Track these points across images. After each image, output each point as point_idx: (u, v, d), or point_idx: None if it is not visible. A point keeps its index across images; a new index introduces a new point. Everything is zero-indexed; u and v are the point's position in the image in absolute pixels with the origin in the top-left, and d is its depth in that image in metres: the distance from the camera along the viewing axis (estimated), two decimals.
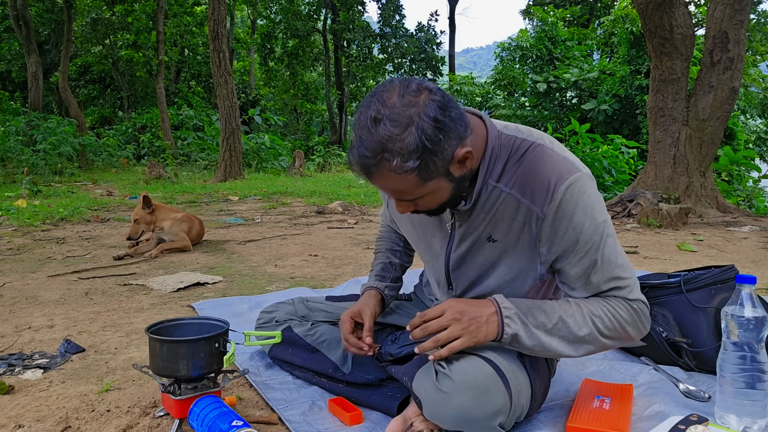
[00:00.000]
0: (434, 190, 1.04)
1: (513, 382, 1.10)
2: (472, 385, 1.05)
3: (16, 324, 2.08)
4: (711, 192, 6.03)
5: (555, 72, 15.74)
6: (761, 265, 3.19)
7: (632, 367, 1.56)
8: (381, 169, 0.98)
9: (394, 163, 0.96)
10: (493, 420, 1.06)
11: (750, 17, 9.71)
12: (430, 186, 1.03)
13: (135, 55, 16.97)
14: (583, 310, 1.10)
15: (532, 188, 1.08)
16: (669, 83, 5.93)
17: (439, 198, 1.07)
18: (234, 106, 10.14)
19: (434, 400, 1.07)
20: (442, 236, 1.22)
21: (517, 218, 1.11)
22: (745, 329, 1.14)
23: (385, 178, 1.00)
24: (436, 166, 1.00)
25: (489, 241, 1.15)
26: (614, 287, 1.12)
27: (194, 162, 13.72)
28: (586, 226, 1.07)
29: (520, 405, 1.12)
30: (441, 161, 0.99)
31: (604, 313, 1.10)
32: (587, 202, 1.07)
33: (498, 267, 1.16)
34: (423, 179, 1.00)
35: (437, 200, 1.07)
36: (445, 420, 1.07)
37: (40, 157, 10.50)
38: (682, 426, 1.07)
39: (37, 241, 4.00)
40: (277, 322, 1.57)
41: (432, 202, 1.08)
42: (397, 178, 0.98)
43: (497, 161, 1.11)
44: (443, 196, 1.07)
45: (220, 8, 9.76)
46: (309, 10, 23.24)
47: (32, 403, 1.41)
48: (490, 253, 1.16)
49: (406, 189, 1.02)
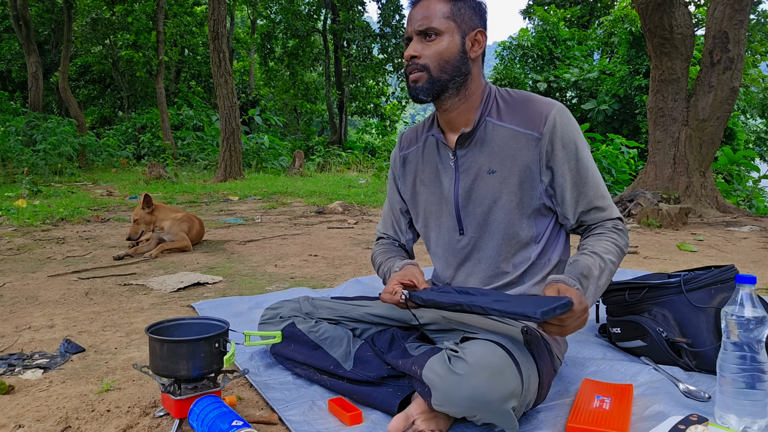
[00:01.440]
0: (447, 36, 1.26)
1: (524, 366, 1.12)
2: (488, 365, 1.06)
3: (16, 324, 2.09)
4: (711, 192, 6.03)
5: (555, 72, 15.75)
6: (761, 265, 3.19)
7: (632, 367, 1.56)
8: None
9: None
10: (506, 403, 1.06)
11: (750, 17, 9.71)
12: (449, 26, 1.26)
13: (135, 55, 16.97)
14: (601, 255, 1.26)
15: (525, 118, 1.29)
16: (669, 83, 5.93)
17: (445, 51, 1.26)
18: (234, 106, 10.14)
19: (448, 383, 1.07)
20: (449, 176, 1.38)
21: (514, 146, 1.29)
22: (745, 329, 1.15)
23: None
24: (463, 16, 1.27)
25: (489, 173, 1.31)
26: (603, 206, 1.32)
27: (194, 162, 13.73)
28: (578, 144, 1.29)
29: (531, 391, 1.14)
30: (469, 18, 1.28)
31: (610, 246, 1.28)
32: (575, 125, 1.31)
33: (501, 198, 1.31)
34: (451, 14, 1.26)
35: (442, 54, 1.26)
36: (458, 403, 1.06)
37: (40, 157, 10.50)
38: (682, 426, 1.07)
39: (37, 241, 4.00)
40: (281, 318, 1.57)
41: (437, 55, 1.27)
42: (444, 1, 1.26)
43: (492, 103, 1.34)
44: (449, 54, 1.27)
45: (220, 8, 9.76)
46: (309, 10, 23.24)
47: (32, 403, 1.41)
48: (492, 185, 1.31)
49: (435, 12, 1.26)
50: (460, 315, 1.34)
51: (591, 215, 1.32)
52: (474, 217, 1.35)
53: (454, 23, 1.26)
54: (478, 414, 1.07)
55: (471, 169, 1.33)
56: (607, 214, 1.32)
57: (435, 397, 1.09)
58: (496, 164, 1.30)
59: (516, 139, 1.29)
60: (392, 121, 24.58)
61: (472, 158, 1.33)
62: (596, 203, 1.31)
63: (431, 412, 1.16)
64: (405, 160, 1.50)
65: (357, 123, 31.34)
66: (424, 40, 1.27)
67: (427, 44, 1.27)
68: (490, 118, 1.32)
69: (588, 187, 1.30)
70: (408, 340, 1.39)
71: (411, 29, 1.29)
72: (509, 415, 1.07)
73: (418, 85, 1.29)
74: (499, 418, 1.07)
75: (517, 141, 1.29)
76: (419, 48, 1.28)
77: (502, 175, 1.30)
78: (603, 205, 1.32)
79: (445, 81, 1.28)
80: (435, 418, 1.17)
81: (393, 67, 23.77)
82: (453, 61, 1.27)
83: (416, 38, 1.28)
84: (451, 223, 1.39)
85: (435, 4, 1.26)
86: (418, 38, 1.28)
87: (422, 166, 1.44)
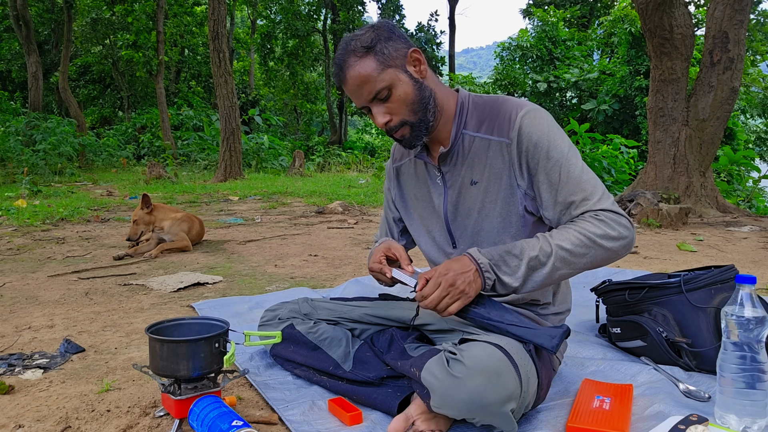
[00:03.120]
0: (396, 83, 1.22)
1: (522, 368, 1.11)
2: (486, 368, 1.06)
3: (16, 324, 2.08)
4: (711, 192, 6.03)
5: (555, 72, 15.75)
6: (761, 265, 3.19)
7: (632, 367, 1.56)
8: (347, 58, 1.22)
9: (353, 45, 1.22)
10: (505, 405, 1.06)
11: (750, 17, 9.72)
12: (390, 75, 1.22)
13: (135, 55, 16.97)
14: (549, 240, 1.20)
15: (496, 125, 1.27)
16: (669, 83, 5.93)
17: (405, 96, 1.23)
18: (234, 106, 10.14)
19: (446, 386, 1.07)
20: (438, 193, 1.38)
21: (489, 155, 1.28)
22: (745, 329, 1.15)
23: (351, 66, 1.22)
24: (391, 55, 1.22)
25: (472, 184, 1.31)
26: (582, 199, 1.22)
27: (194, 162, 13.73)
28: (550, 142, 1.23)
29: (529, 393, 1.13)
30: (395, 51, 1.23)
31: (571, 234, 1.19)
32: (544, 124, 1.25)
33: (485, 208, 1.31)
34: (381, 64, 1.21)
35: (405, 100, 1.23)
36: (457, 406, 1.06)
37: (40, 157, 10.50)
38: (682, 426, 1.07)
39: (37, 241, 4.00)
40: (280, 320, 1.57)
41: (402, 104, 1.24)
42: (360, 62, 1.21)
43: (467, 114, 1.32)
44: (409, 95, 1.24)
45: (220, 8, 9.76)
46: (309, 10, 23.24)
47: (32, 403, 1.41)
48: (475, 195, 1.31)
49: (369, 75, 1.21)
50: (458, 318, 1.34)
51: (571, 211, 1.23)
52: (464, 230, 1.34)
53: (389, 68, 1.22)
54: (477, 416, 1.07)
55: (456, 183, 1.33)
56: (589, 206, 1.21)
57: (434, 399, 1.09)
58: (476, 175, 1.30)
59: (490, 147, 1.28)
60: None
61: (456, 172, 1.33)
62: (572, 198, 1.22)
63: (431, 412, 1.16)
64: (398, 171, 1.51)
65: (357, 123, 31.34)
66: (381, 103, 1.24)
67: (387, 104, 1.24)
68: (466, 130, 1.31)
69: (563, 184, 1.22)
70: (407, 341, 1.39)
71: (361, 102, 1.26)
72: (508, 417, 1.07)
73: (408, 138, 1.28)
74: (497, 420, 1.07)
75: (491, 149, 1.28)
76: (383, 111, 1.25)
77: (483, 185, 1.29)
78: (581, 199, 1.21)
79: (424, 117, 1.26)
80: (435, 418, 1.17)
81: None
82: (416, 98, 1.25)
83: (373, 105, 1.25)
84: (443, 237, 1.40)
85: (362, 66, 1.21)
86: (375, 104, 1.25)
87: (415, 181, 1.45)
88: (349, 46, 1.23)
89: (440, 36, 23.86)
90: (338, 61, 1.25)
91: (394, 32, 1.25)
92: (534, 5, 20.63)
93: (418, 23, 23.89)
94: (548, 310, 1.38)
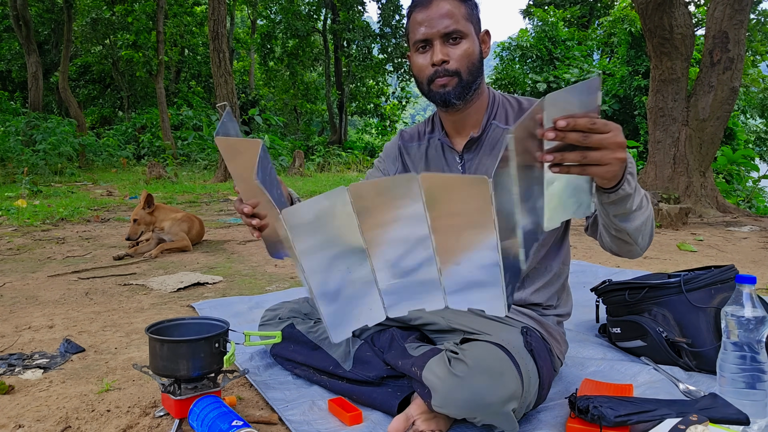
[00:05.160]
0: (470, 38, 1.24)
1: (524, 368, 1.12)
2: (488, 368, 1.06)
3: (16, 324, 2.08)
4: (711, 192, 6.03)
5: (555, 72, 15.75)
6: (761, 265, 3.19)
7: (632, 367, 1.56)
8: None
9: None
10: (506, 405, 1.06)
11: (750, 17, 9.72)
12: (470, 29, 1.24)
13: (135, 55, 16.97)
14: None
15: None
16: (669, 83, 5.93)
17: (471, 53, 1.24)
18: (234, 106, 10.14)
19: (448, 386, 1.07)
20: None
21: None
22: (745, 329, 1.15)
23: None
24: (476, 18, 1.27)
25: None
26: None
27: (194, 162, 13.72)
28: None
29: (531, 392, 1.13)
30: (478, 19, 1.28)
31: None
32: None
33: None
34: (468, 16, 1.24)
35: (469, 56, 1.24)
36: (458, 405, 1.07)
37: (40, 157, 10.49)
38: (682, 426, 1.07)
39: (37, 241, 4.00)
40: (280, 320, 1.57)
41: (464, 57, 1.24)
42: (453, 1, 1.23)
43: (499, 107, 1.34)
44: (474, 55, 1.25)
45: (220, 8, 9.76)
46: (309, 10, 23.23)
47: (32, 403, 1.41)
48: None
49: (456, 13, 1.23)
50: (460, 317, 1.34)
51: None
52: None
53: (471, 24, 1.25)
54: (478, 416, 1.07)
55: (478, 173, 1.31)
56: None
57: (435, 398, 1.09)
58: None
59: None
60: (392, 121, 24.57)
61: (479, 162, 1.31)
62: None
63: (431, 412, 1.16)
64: (405, 150, 1.46)
65: (357, 123, 31.34)
66: (449, 43, 1.23)
67: (453, 47, 1.23)
68: (496, 121, 1.32)
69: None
70: (408, 340, 1.39)
71: (432, 32, 1.22)
72: (509, 416, 1.07)
73: (449, 90, 1.25)
74: (499, 420, 1.07)
75: None
76: (447, 51, 1.23)
77: None
78: None
79: (472, 83, 1.26)
80: (435, 418, 1.17)
81: (393, 67, 23.75)
82: (477, 62, 1.26)
83: (439, 41, 1.23)
84: None
85: (452, 6, 1.23)
86: (441, 41, 1.23)
87: (425, 165, 1.41)
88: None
89: None
90: None
91: (478, 8, 1.30)
92: (534, 5, 20.63)
93: None
94: (551, 311, 1.38)
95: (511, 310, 1.32)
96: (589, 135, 0.85)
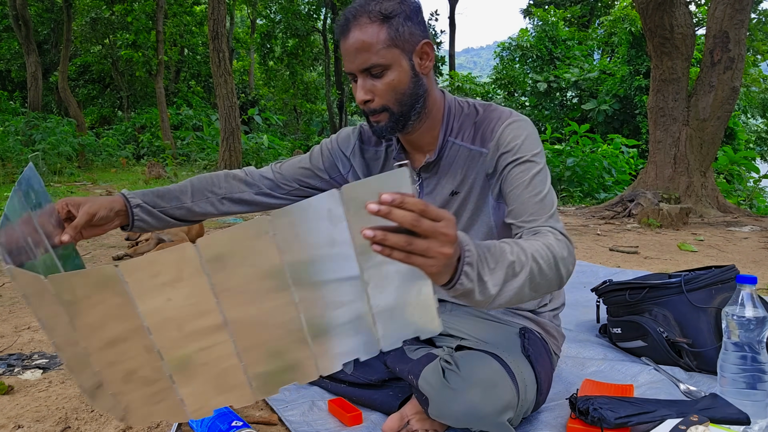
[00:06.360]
0: (395, 67, 1.11)
1: (519, 377, 1.10)
2: (481, 380, 1.05)
3: (15, 324, 2.08)
4: (711, 192, 6.03)
5: (555, 72, 15.75)
6: (762, 265, 3.18)
7: (632, 367, 1.56)
8: (359, 16, 1.10)
9: (371, 8, 1.09)
10: (501, 415, 1.05)
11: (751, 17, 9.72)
12: (393, 55, 1.10)
13: (135, 54, 16.96)
14: (523, 247, 0.94)
15: (478, 134, 1.20)
16: (669, 83, 5.92)
17: (397, 83, 1.12)
18: (234, 106, 10.14)
19: (442, 397, 1.06)
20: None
21: (470, 165, 1.21)
22: (746, 329, 1.14)
23: (359, 26, 1.10)
24: (404, 36, 1.11)
25: (452, 195, 1.24)
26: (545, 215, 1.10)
27: (194, 162, 13.72)
28: (521, 153, 1.15)
29: (528, 400, 1.12)
30: (409, 34, 1.11)
31: (540, 247, 0.96)
32: (524, 135, 1.17)
33: (462, 218, 1.24)
34: (390, 39, 1.09)
35: (396, 87, 1.12)
36: (453, 417, 1.06)
37: (39, 157, 10.49)
38: (682, 426, 1.07)
39: None
40: None
41: (390, 90, 1.12)
42: (369, 27, 1.09)
43: (454, 120, 1.23)
44: (402, 84, 1.13)
45: (219, 8, 9.76)
46: (309, 9, 23.23)
47: (32, 404, 1.40)
48: (454, 206, 1.24)
49: (373, 44, 1.09)
50: (455, 320, 1.31)
51: (531, 225, 1.11)
52: None
53: (397, 49, 1.10)
54: (474, 426, 1.06)
55: (435, 191, 1.25)
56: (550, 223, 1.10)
57: (431, 408, 1.09)
58: (457, 185, 1.23)
59: (471, 157, 1.21)
60: None
61: (437, 181, 1.25)
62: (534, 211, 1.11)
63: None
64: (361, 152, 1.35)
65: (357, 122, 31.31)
66: (371, 77, 1.12)
67: (376, 81, 1.12)
68: (452, 138, 1.23)
69: (529, 196, 1.12)
70: (406, 342, 1.38)
71: (351, 67, 1.13)
72: (505, 426, 1.06)
73: (382, 125, 1.17)
74: (495, 429, 1.06)
75: (472, 159, 1.20)
76: (369, 88, 1.13)
77: (462, 196, 1.23)
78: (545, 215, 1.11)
79: (407, 113, 1.16)
80: (430, 418, 1.16)
81: None
82: (408, 90, 1.14)
83: (361, 77, 1.13)
84: None
85: (369, 33, 1.09)
86: (363, 76, 1.12)
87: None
88: (368, 5, 1.11)
89: (440, 35, 23.88)
90: (348, 14, 1.12)
91: (418, 15, 1.14)
92: (534, 5, 20.63)
93: None
94: (546, 309, 1.35)
95: (508, 312, 1.31)
96: (421, 219, 0.72)
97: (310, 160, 1.39)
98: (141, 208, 1.24)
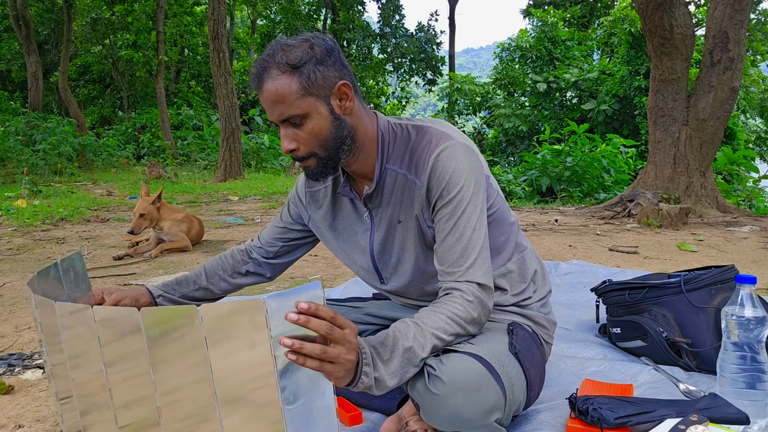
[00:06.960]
0: (313, 114, 1.10)
1: (505, 376, 1.08)
2: (463, 384, 1.03)
3: (16, 324, 2.08)
4: (711, 192, 6.03)
5: (555, 72, 15.76)
6: (761, 265, 3.19)
7: (632, 367, 1.56)
8: (269, 68, 1.09)
9: (278, 59, 1.08)
10: (488, 418, 1.04)
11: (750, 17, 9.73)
12: (309, 104, 1.09)
13: (135, 55, 16.98)
14: (423, 328, 1.05)
15: (415, 163, 1.18)
16: (669, 83, 5.93)
17: (318, 130, 1.11)
18: (234, 106, 10.14)
19: (428, 402, 1.05)
20: (364, 229, 1.29)
21: (407, 194, 1.20)
22: (746, 329, 1.15)
23: (270, 78, 1.08)
24: (317, 82, 1.08)
25: (398, 223, 1.23)
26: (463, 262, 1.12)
27: (194, 162, 13.72)
28: (460, 194, 1.14)
29: (516, 399, 1.11)
30: (322, 79, 1.09)
31: (443, 321, 1.07)
32: (452, 166, 1.15)
33: (406, 247, 1.24)
34: (303, 88, 1.08)
35: (317, 134, 1.11)
36: (441, 422, 1.05)
37: (39, 157, 10.50)
38: (682, 426, 1.07)
39: (37, 241, 4.00)
40: None
41: (313, 137, 1.12)
42: (280, 78, 1.07)
43: (389, 146, 1.21)
44: (323, 131, 1.12)
45: (220, 8, 9.76)
46: (309, 10, 23.25)
47: (32, 403, 1.41)
48: (401, 234, 1.24)
49: (287, 95, 1.08)
50: None
51: (448, 268, 1.14)
52: (390, 267, 1.29)
53: (311, 96, 1.09)
54: (463, 429, 1.05)
55: (383, 221, 1.25)
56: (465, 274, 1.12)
57: (422, 412, 1.08)
58: (401, 213, 1.22)
59: (408, 185, 1.20)
60: None
61: (383, 210, 1.24)
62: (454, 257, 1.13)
63: None
64: (312, 197, 1.37)
65: None
66: (292, 128, 1.12)
67: (297, 130, 1.11)
68: (390, 166, 1.21)
69: (452, 238, 1.14)
70: None
71: (271, 119, 1.14)
72: (494, 427, 1.05)
73: (312, 170, 1.17)
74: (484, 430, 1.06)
75: (409, 188, 1.20)
76: (292, 136, 1.12)
77: (406, 224, 1.22)
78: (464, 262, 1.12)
79: (335, 155, 1.15)
80: None
81: (393, 67, 23.78)
82: (331, 135, 1.13)
83: (282, 126, 1.12)
84: (371, 273, 1.33)
85: (281, 84, 1.08)
86: (284, 126, 1.12)
87: (333, 214, 1.34)
88: (275, 56, 1.09)
89: (440, 36, 23.89)
90: (259, 66, 1.11)
91: (331, 56, 1.11)
92: (534, 5, 20.64)
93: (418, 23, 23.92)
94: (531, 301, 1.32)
95: (494, 310, 1.28)
96: (333, 327, 0.86)
97: (281, 217, 1.45)
98: (163, 297, 1.36)
